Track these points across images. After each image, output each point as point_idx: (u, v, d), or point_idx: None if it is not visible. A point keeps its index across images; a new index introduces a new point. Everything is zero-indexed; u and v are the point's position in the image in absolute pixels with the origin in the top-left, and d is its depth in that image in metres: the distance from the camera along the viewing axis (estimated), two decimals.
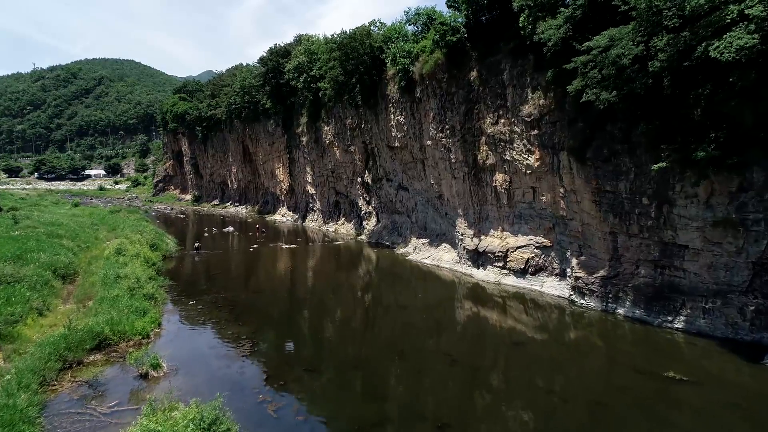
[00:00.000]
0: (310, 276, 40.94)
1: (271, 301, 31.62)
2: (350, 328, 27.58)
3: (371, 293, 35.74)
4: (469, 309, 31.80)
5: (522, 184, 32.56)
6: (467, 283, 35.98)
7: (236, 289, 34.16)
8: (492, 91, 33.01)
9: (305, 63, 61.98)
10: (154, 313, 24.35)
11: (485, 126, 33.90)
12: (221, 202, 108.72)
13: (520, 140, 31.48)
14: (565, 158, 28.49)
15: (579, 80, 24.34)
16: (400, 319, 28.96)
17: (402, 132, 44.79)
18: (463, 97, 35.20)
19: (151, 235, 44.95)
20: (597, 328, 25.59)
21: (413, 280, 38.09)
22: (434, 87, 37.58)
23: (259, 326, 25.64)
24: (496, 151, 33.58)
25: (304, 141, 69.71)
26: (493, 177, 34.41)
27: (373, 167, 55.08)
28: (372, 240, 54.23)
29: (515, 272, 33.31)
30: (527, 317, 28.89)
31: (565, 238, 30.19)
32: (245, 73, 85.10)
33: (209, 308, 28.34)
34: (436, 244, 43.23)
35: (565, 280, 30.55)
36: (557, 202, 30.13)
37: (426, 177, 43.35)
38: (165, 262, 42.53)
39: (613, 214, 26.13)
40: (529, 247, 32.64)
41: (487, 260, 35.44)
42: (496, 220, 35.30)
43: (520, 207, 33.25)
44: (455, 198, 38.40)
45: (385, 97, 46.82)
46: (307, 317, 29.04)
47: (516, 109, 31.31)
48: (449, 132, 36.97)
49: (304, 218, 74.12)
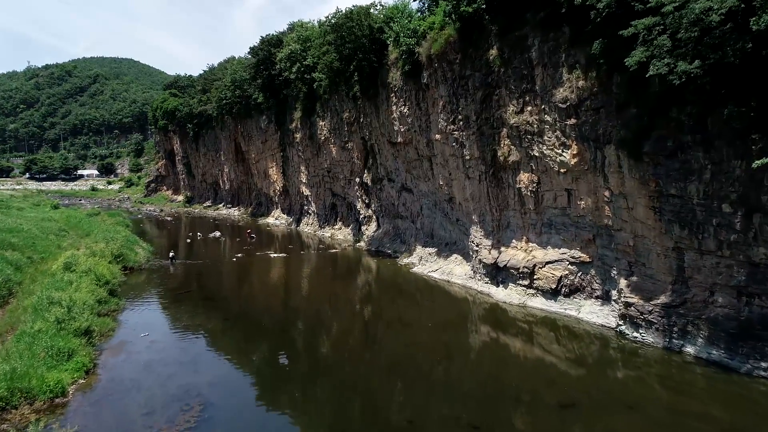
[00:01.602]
0: (300, 297, 34.99)
1: (249, 334, 25.50)
2: (349, 373, 21.68)
3: (374, 323, 29.82)
4: (487, 336, 26.19)
5: (553, 186, 26.70)
6: (484, 304, 30.17)
7: (207, 314, 28.29)
8: (516, 72, 27.15)
9: (298, 51, 56.21)
10: (83, 356, 18.57)
11: (507, 115, 28.05)
12: (214, 204, 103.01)
13: (552, 132, 25.62)
14: (612, 153, 22.65)
15: (642, 50, 18.51)
16: (409, 376, 23.00)
17: (406, 125, 38.95)
18: (479, 80, 29.34)
19: (118, 244, 39.16)
20: (662, 376, 19.70)
21: (421, 299, 32.21)
22: (444, 70, 31.72)
23: (226, 375, 19.82)
24: (520, 145, 27.73)
25: (298, 137, 63.93)
26: (517, 177, 28.56)
27: (373, 166, 49.28)
28: (372, 248, 48.39)
29: (544, 293, 27.46)
30: (564, 352, 23.15)
31: (610, 252, 24.33)
32: (236, 66, 79.34)
33: (168, 345, 22.45)
34: (445, 254, 37.37)
35: (610, 305, 24.68)
36: (600, 208, 24.27)
37: (434, 177, 37.50)
38: (132, 276, 36.79)
39: (679, 225, 20.29)
40: (562, 263, 26.78)
41: (509, 277, 29.58)
42: (519, 228, 29.45)
43: (551, 213, 27.39)
44: (469, 202, 32.54)
45: (386, 86, 41.00)
46: (296, 370, 23.06)
47: (547, 93, 25.46)
48: (462, 123, 31.11)
49: (298, 221, 68.34)
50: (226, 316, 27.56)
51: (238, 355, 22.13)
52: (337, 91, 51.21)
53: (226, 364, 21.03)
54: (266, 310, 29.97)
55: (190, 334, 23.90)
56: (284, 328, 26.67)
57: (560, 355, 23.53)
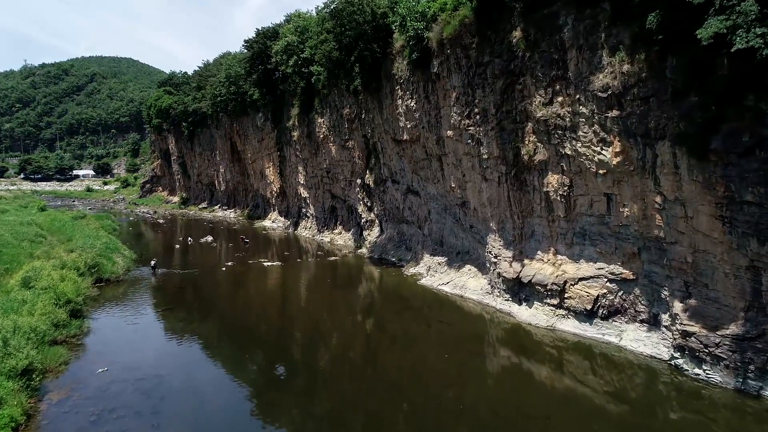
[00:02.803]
0: (297, 316, 30.94)
1: (232, 369, 21.31)
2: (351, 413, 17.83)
3: (378, 343, 25.93)
4: (507, 361, 22.72)
5: (589, 190, 22.79)
6: (503, 324, 26.31)
7: (184, 340, 24.33)
8: (544, 57, 23.25)
9: (295, 43, 52.29)
10: (13, 408, 14.69)
11: (533, 107, 24.15)
12: (209, 205, 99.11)
13: (589, 126, 21.72)
14: (666, 151, 18.77)
15: (721, 20, 14.61)
16: (415, 398, 19.15)
17: (413, 121, 35.05)
18: (500, 68, 25.43)
19: (92, 253, 35.26)
20: (733, 424, 15.95)
21: (430, 315, 28.29)
22: (458, 57, 27.81)
23: None
24: (549, 142, 23.82)
25: (295, 136, 60.04)
26: (544, 179, 24.65)
27: (376, 166, 45.38)
28: (374, 255, 44.49)
29: (577, 314, 23.56)
30: (602, 384, 19.83)
31: (660, 269, 20.43)
32: (231, 61, 75.41)
33: (127, 388, 18.36)
34: (456, 264, 33.45)
35: (659, 332, 20.77)
36: (649, 217, 20.36)
37: (444, 178, 33.60)
38: (107, 289, 32.95)
39: (757, 239, 16.40)
40: (599, 280, 22.87)
41: (534, 294, 25.68)
42: (545, 238, 25.53)
43: (584, 222, 23.49)
44: (486, 207, 28.64)
45: (390, 78, 37.11)
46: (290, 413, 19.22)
47: (583, 80, 21.56)
48: (479, 117, 27.20)
49: (296, 225, 64.45)
50: (206, 342, 23.62)
51: (218, 402, 18.17)
52: (336, 86, 47.36)
53: (200, 418, 16.78)
54: (256, 336, 25.99)
55: (160, 370, 19.92)
56: (276, 358, 22.73)
57: (596, 387, 19.87)
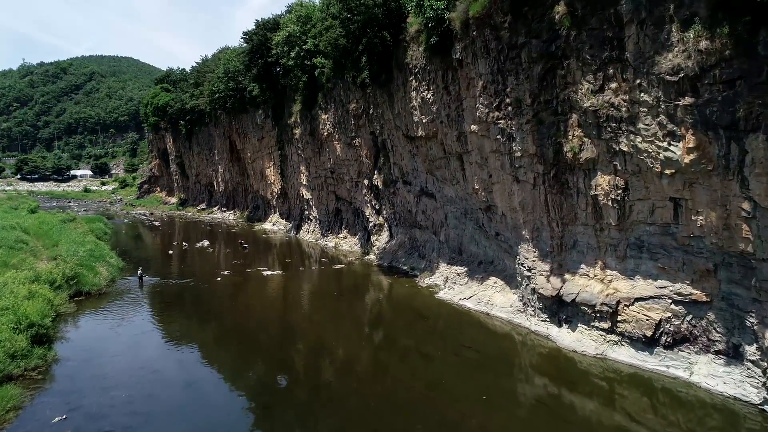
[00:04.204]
0: (299, 337, 27.36)
1: (229, 417, 17.94)
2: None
3: (401, 376, 22.24)
4: (544, 390, 19.60)
5: (650, 193, 19.08)
6: (540, 348, 22.65)
7: (163, 372, 20.73)
8: (594, 35, 19.56)
9: (297, 34, 48.67)
10: None
11: (579, 96, 20.45)
12: (208, 207, 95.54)
13: (653, 116, 18.01)
14: (759, 146, 15.08)
15: None
16: (431, 423, 15.57)
17: (429, 115, 31.36)
18: (538, 50, 21.73)
19: (71, 264, 31.63)
20: None
21: (448, 333, 24.56)
22: (486, 39, 24.10)
23: None
24: (599, 136, 20.12)
25: (297, 134, 56.43)
26: (592, 180, 20.95)
27: (385, 166, 41.74)
28: (384, 262, 40.82)
29: (634, 341, 19.86)
30: (664, 425, 16.75)
31: (744, 291, 16.72)
32: (229, 55, 71.80)
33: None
34: (479, 276, 29.77)
35: (742, 367, 17.06)
36: (732, 227, 16.63)
37: (465, 179, 29.90)
38: (86, 304, 29.35)
39: None
40: (661, 301, 19.16)
41: (578, 315, 21.97)
42: (591, 249, 21.82)
43: (642, 231, 19.77)
44: (517, 212, 24.92)
45: (403, 68, 33.44)
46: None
47: (645, 62, 17.85)
48: (512, 109, 23.49)
49: (298, 228, 60.80)
50: (193, 378, 19.79)
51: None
52: (342, 78, 43.73)
53: None
54: (252, 364, 22.36)
55: (133, 420, 16.09)
56: (272, 402, 19.06)
57: (658, 428, 16.29)
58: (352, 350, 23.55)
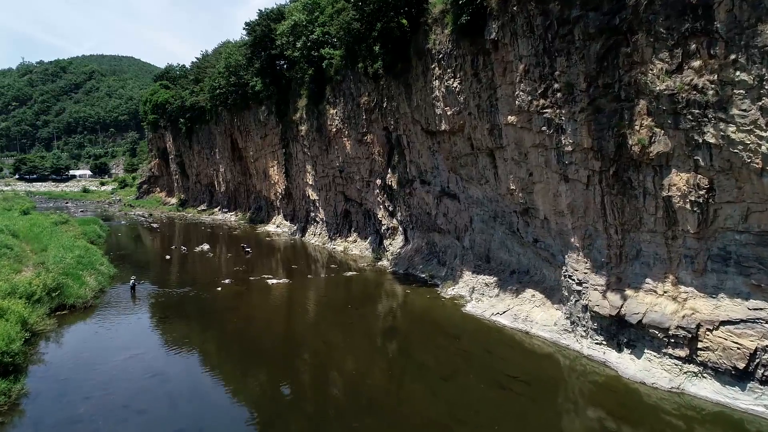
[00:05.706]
0: (311, 359, 24.04)
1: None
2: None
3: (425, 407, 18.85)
4: (598, 424, 16.22)
5: (745, 194, 15.67)
6: (595, 376, 19.23)
7: (148, 416, 17.39)
8: (671, 4, 16.15)
9: (303, 23, 45.33)
10: None
11: (649, 78, 17.04)
12: (209, 207, 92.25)
13: (753, 99, 14.61)
14: None
15: None
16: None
17: (455, 106, 27.96)
18: (597, 25, 18.32)
19: (55, 272, 28.32)
20: None
21: (482, 356, 21.16)
22: (529, 15, 20.71)
23: None
24: (675, 126, 16.70)
25: (303, 130, 53.08)
26: (664, 179, 17.53)
27: (400, 164, 38.36)
28: (399, 269, 37.44)
29: (720, 373, 16.44)
30: None
31: None
32: (231, 49, 68.51)
33: None
34: (512, 288, 26.36)
35: None
36: None
37: (497, 178, 26.47)
38: (68, 318, 26.04)
39: None
40: (757, 326, 15.75)
41: (644, 339, 18.54)
42: (660, 261, 18.40)
43: (730, 240, 16.36)
44: (565, 215, 21.50)
45: (423, 55, 30.08)
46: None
47: (742, 33, 14.48)
48: (561, 96, 20.07)
49: (303, 231, 57.43)
50: (182, 426, 16.41)
51: None
52: (353, 70, 40.42)
53: None
54: (257, 397, 19.01)
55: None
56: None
57: None
58: (379, 384, 20.12)
